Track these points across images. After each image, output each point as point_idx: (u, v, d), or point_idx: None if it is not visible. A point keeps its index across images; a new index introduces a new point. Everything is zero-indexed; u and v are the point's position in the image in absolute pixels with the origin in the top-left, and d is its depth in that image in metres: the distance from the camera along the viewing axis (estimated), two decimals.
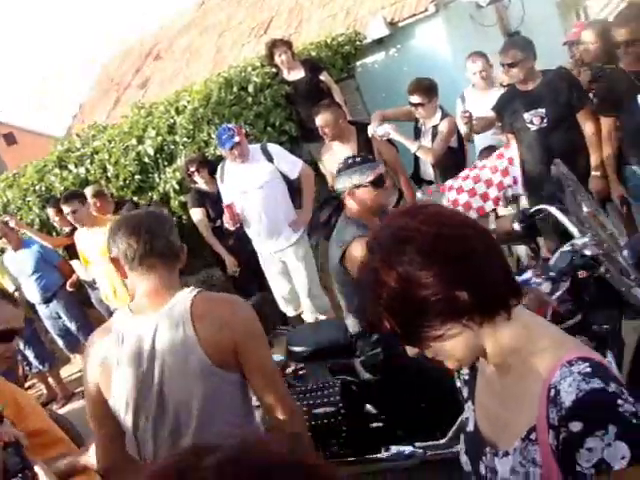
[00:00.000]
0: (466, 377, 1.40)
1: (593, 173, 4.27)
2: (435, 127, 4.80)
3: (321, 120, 4.75)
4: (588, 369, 1.05)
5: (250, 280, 5.68)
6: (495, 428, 1.24)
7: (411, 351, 1.22)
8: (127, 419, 1.96)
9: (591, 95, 4.41)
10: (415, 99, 4.79)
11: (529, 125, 4.28)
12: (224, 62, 9.12)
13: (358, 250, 2.85)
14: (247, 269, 5.45)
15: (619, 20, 4.09)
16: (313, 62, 6.36)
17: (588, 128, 4.21)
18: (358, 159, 3.28)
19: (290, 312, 5.31)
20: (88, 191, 5.60)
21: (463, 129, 4.79)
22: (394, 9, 7.68)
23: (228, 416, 1.96)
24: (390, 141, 4.88)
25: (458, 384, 1.44)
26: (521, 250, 4.89)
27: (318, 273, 5.23)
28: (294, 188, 4.93)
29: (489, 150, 4.81)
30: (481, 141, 5.13)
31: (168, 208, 6.02)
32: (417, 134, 5.02)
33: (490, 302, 1.14)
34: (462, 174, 4.47)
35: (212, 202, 5.31)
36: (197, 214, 5.43)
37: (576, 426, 1.01)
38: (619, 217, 4.91)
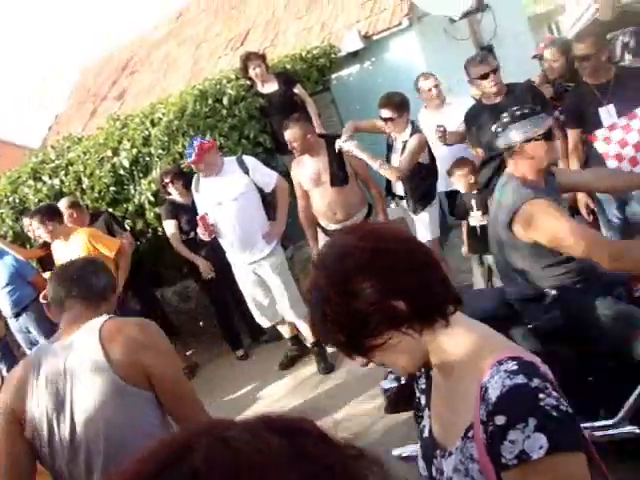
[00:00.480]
0: (423, 386, 1.44)
1: None
2: (405, 142, 4.80)
3: (289, 135, 4.74)
4: (515, 367, 1.11)
5: (224, 291, 5.72)
6: (443, 431, 1.30)
7: (360, 361, 1.27)
8: (43, 445, 2.04)
9: (556, 112, 4.53)
10: (385, 113, 4.80)
11: None
12: (201, 74, 9.15)
13: (531, 214, 2.61)
14: (221, 280, 5.48)
15: (578, 36, 4.25)
16: (287, 75, 6.42)
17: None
18: (526, 110, 2.88)
19: (265, 323, 5.32)
20: (63, 202, 5.56)
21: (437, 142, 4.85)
22: (368, 23, 7.78)
23: (149, 430, 2.05)
24: None
25: (417, 394, 1.48)
26: (491, 260, 4.96)
27: (295, 283, 5.27)
28: (268, 200, 4.97)
29: (461, 162, 4.86)
30: (453, 151, 5.19)
31: (143, 220, 6.03)
32: (389, 148, 5.06)
33: (427, 310, 1.20)
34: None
35: (186, 213, 5.35)
36: (169, 226, 5.50)
37: (500, 420, 1.06)
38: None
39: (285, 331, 5.43)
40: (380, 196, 5.00)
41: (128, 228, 5.93)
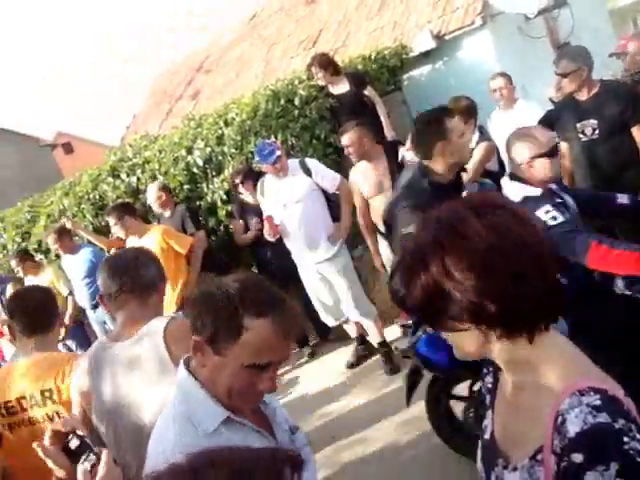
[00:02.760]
0: (489, 385, 1.41)
1: None
2: (473, 150, 4.72)
3: (345, 139, 4.73)
4: (598, 402, 1.04)
5: (289, 290, 5.78)
6: (508, 440, 1.26)
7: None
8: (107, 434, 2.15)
9: None
10: None
11: (580, 135, 4.23)
12: (273, 74, 9.28)
13: None
14: (288, 280, 5.55)
15: None
16: (358, 76, 6.42)
17: None
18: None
19: (331, 322, 5.37)
20: (154, 185, 5.81)
21: None
22: (441, 22, 7.71)
23: None
24: None
25: (482, 390, 1.46)
26: None
27: (361, 283, 5.28)
28: (332, 202, 5.00)
29: None
30: None
31: (215, 217, 6.18)
32: None
33: (515, 324, 1.15)
34: None
35: (254, 214, 5.46)
36: (236, 226, 5.68)
37: (578, 458, 1.01)
38: None
39: (351, 330, 5.46)
40: None
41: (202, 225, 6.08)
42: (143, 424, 2.03)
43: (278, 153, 4.78)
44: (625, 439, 0.99)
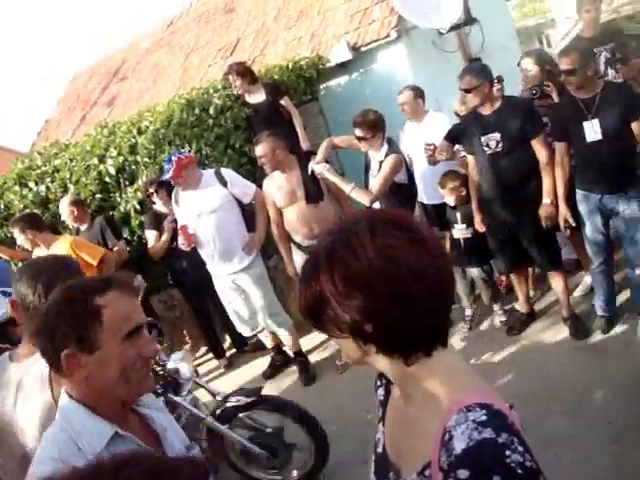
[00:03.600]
0: (381, 398, 1.43)
1: (544, 200, 4.38)
2: (381, 163, 4.75)
3: (258, 150, 4.73)
4: (483, 417, 1.07)
5: (206, 301, 5.73)
6: (398, 454, 1.27)
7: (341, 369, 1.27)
8: None
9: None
10: (359, 132, 4.74)
11: (485, 148, 4.37)
12: (191, 82, 9.17)
13: None
14: (203, 290, 5.49)
15: (564, 51, 4.28)
16: (275, 86, 6.43)
17: (541, 156, 4.33)
18: None
19: (247, 332, 5.34)
20: (66, 199, 5.62)
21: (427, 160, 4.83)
22: (357, 34, 7.83)
23: None
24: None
25: (376, 403, 1.47)
26: (474, 272, 5.00)
27: (277, 292, 5.28)
28: (248, 212, 4.98)
29: (453, 175, 4.87)
30: (441, 167, 5.20)
31: (129, 228, 6.03)
32: (366, 168, 5.04)
33: (391, 346, 1.17)
34: None
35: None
36: (150, 236, 5.57)
37: (464, 474, 1.03)
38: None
39: (267, 341, 5.44)
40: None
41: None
42: (27, 450, 1.95)
43: (169, 174, 4.75)
44: (507, 452, 1.02)
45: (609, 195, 4.14)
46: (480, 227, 4.70)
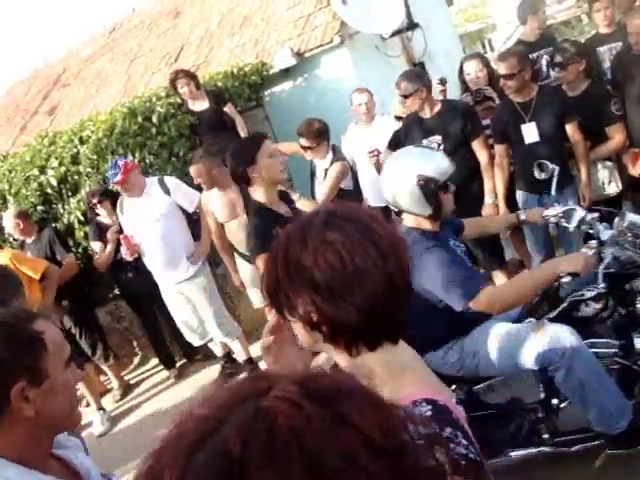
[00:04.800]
0: None
1: (486, 200, 4.48)
2: (327, 170, 4.76)
3: (193, 171, 4.65)
4: (429, 412, 1.11)
5: (154, 311, 5.66)
6: None
7: None
8: None
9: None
10: (303, 142, 4.75)
11: None
12: (135, 90, 9.04)
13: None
14: (150, 300, 5.43)
15: (502, 55, 4.40)
16: (218, 93, 6.40)
17: (482, 157, 4.44)
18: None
19: (196, 342, 5.29)
20: (10, 212, 5.46)
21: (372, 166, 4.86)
22: (301, 40, 7.85)
23: None
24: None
25: None
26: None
27: (224, 299, 5.25)
28: (194, 219, 4.94)
29: None
30: None
31: (73, 239, 5.91)
32: (312, 175, 5.05)
33: (334, 337, 1.20)
34: None
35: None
36: (95, 247, 5.47)
37: None
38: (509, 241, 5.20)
39: (217, 349, 5.41)
40: None
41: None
42: None
43: (119, 178, 4.68)
44: (451, 445, 1.06)
45: (547, 195, 4.25)
46: None
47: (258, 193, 3.21)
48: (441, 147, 4.39)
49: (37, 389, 1.35)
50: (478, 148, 4.42)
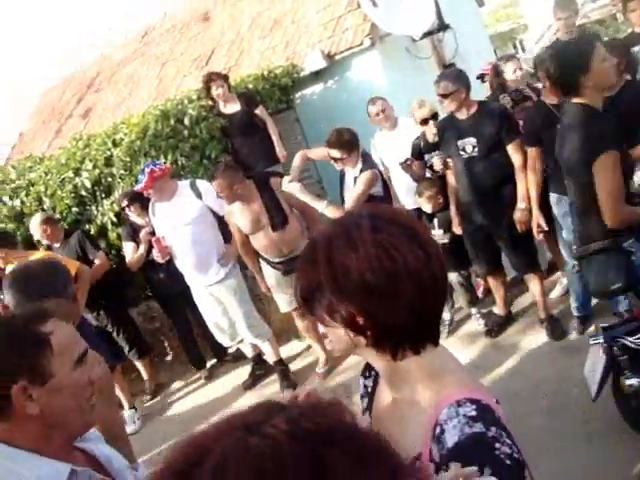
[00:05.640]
0: (369, 388, 1.43)
1: (518, 205, 4.43)
2: (356, 178, 4.63)
3: (216, 185, 4.56)
4: (473, 412, 1.11)
5: (185, 312, 5.71)
6: None
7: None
8: None
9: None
10: (334, 154, 4.57)
11: (461, 152, 4.42)
12: (166, 93, 9.15)
13: None
14: (181, 301, 5.48)
15: (539, 58, 4.36)
16: (250, 96, 6.44)
17: (516, 160, 4.38)
18: None
19: (226, 343, 5.33)
20: (37, 218, 5.54)
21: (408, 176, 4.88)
22: (331, 42, 7.87)
23: None
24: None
25: (360, 392, 1.47)
26: (452, 277, 5.03)
27: (254, 301, 5.27)
28: (224, 222, 4.95)
29: (429, 183, 4.89)
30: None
31: (106, 241, 6.00)
32: (341, 181, 4.91)
33: (381, 341, 1.19)
34: None
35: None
36: (127, 248, 5.51)
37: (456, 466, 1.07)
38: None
39: (247, 350, 5.43)
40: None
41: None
42: None
43: (141, 185, 4.75)
44: (497, 445, 1.07)
45: None
46: (458, 230, 4.75)
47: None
48: (475, 149, 4.37)
49: (40, 388, 1.39)
50: (513, 151, 4.37)
